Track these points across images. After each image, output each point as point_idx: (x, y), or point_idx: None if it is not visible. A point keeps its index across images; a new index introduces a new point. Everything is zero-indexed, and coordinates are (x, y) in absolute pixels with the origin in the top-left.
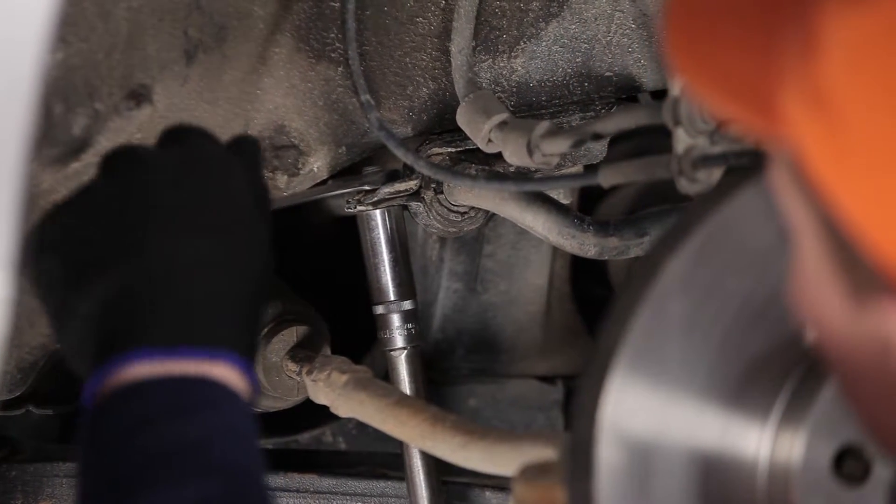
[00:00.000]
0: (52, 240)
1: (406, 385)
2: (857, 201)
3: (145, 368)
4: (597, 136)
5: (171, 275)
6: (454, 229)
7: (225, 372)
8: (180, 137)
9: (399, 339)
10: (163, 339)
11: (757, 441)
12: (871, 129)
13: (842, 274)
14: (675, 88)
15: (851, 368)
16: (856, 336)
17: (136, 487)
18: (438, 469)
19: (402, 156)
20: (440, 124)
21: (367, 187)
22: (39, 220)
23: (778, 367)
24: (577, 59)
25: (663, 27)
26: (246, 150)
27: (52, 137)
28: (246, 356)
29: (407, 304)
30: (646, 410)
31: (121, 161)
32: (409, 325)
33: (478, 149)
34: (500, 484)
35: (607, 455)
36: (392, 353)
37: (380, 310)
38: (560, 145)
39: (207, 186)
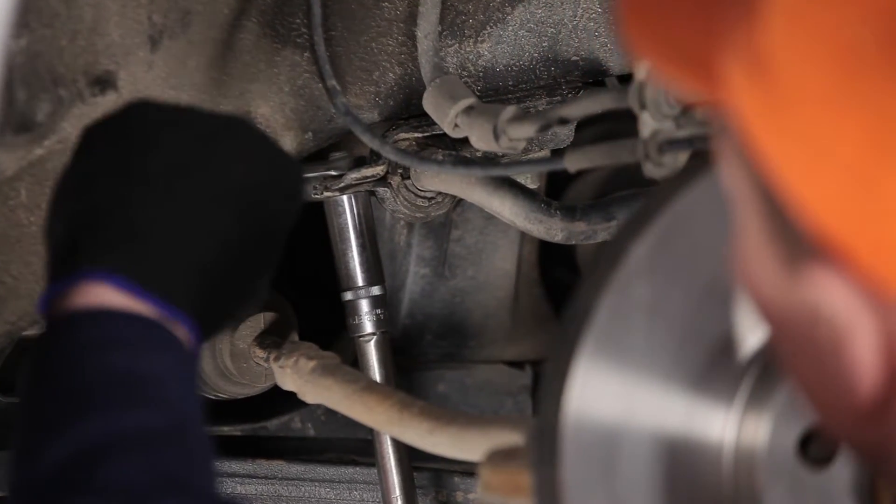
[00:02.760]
0: (84, 146)
1: (375, 371)
2: (791, 164)
3: (108, 295)
4: (563, 121)
5: (166, 215)
6: (421, 214)
7: (177, 328)
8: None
9: (368, 325)
10: (131, 270)
11: (722, 425)
12: (806, 89)
13: (777, 241)
14: (641, 72)
15: (786, 338)
16: (789, 304)
17: (87, 406)
18: (410, 455)
19: (369, 141)
20: (407, 109)
21: (333, 173)
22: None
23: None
24: (544, 44)
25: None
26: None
27: (15, 124)
28: (200, 324)
29: (375, 290)
30: (611, 395)
31: (165, 108)
32: (378, 311)
33: (445, 134)
34: (469, 469)
35: (573, 440)
36: (361, 338)
37: (348, 296)
38: (526, 130)
39: (232, 152)
